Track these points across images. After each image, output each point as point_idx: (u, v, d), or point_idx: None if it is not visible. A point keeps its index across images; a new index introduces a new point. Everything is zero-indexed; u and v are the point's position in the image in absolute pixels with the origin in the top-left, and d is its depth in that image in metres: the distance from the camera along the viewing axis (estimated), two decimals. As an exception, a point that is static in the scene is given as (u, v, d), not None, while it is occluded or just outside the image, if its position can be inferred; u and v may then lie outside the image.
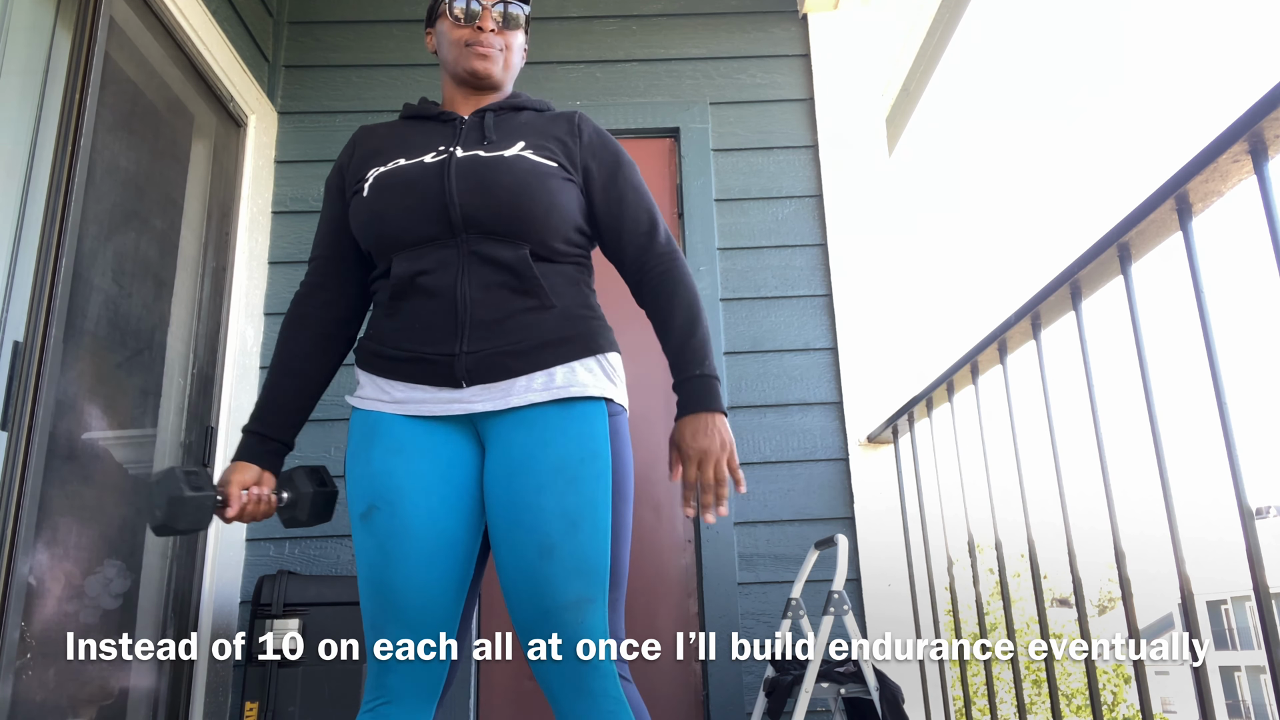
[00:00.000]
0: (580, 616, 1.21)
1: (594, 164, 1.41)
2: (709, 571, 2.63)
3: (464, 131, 1.41)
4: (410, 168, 1.36)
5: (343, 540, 2.63)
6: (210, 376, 2.54)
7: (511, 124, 1.43)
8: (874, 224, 2.93)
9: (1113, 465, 1.57)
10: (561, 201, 1.35)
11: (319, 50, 3.07)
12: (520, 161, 1.35)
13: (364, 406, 1.36)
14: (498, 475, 1.28)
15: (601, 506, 1.25)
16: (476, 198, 1.31)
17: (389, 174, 1.36)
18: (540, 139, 1.40)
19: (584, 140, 1.43)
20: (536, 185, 1.33)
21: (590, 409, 1.30)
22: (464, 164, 1.34)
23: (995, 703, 2.14)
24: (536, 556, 1.22)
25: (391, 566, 1.24)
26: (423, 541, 1.25)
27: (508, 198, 1.32)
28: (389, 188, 1.35)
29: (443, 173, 1.33)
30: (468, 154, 1.36)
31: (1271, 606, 1.18)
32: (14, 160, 1.77)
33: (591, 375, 1.32)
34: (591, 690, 1.20)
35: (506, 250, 1.31)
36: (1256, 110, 1.14)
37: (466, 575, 1.29)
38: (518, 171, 1.34)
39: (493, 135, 1.40)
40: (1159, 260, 1.51)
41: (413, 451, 1.29)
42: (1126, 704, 17.16)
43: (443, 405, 1.30)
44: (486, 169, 1.34)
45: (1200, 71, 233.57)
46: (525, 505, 1.24)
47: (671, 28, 3.15)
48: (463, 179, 1.32)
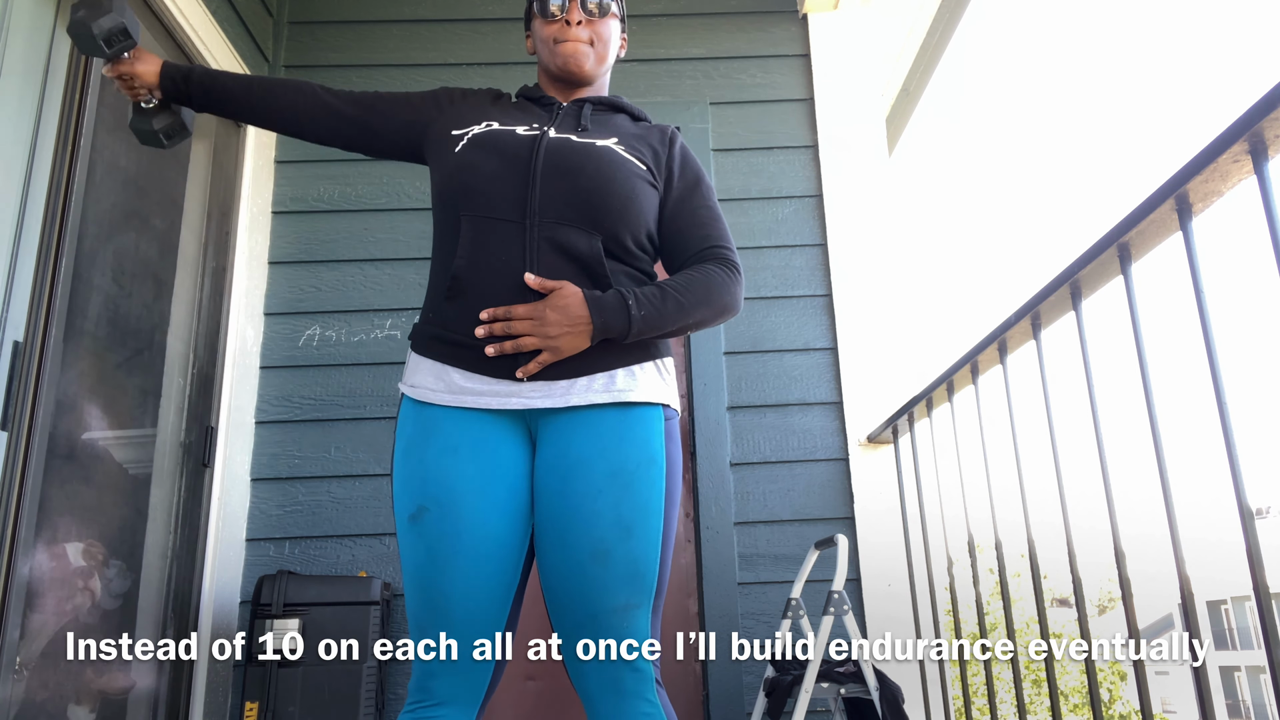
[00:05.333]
0: (626, 621, 1.21)
1: (676, 174, 1.42)
2: (709, 571, 2.63)
3: (560, 116, 1.43)
4: (503, 133, 1.37)
5: (343, 540, 2.63)
6: (210, 376, 2.54)
7: (608, 121, 1.45)
8: (874, 224, 2.93)
9: (1113, 465, 1.57)
10: (640, 199, 1.35)
11: (319, 50, 3.07)
12: (609, 153, 1.36)
13: (420, 397, 1.31)
14: (552, 476, 1.26)
15: (654, 513, 1.25)
16: (558, 177, 1.32)
17: (483, 134, 1.37)
18: (633, 140, 1.41)
19: (673, 151, 1.44)
20: (619, 177, 1.34)
21: (648, 413, 1.29)
22: (554, 144, 1.35)
23: (995, 702, 2.14)
24: (589, 560, 1.21)
25: (440, 570, 1.23)
26: (473, 545, 1.23)
27: (588, 183, 1.32)
28: (479, 146, 1.36)
29: (533, 146, 1.34)
30: (560, 136, 1.37)
31: (1271, 606, 1.18)
32: (14, 160, 1.77)
33: (650, 379, 1.31)
34: (629, 693, 1.20)
35: (580, 239, 1.30)
36: (1256, 110, 1.14)
37: (514, 579, 1.27)
38: (603, 160, 1.34)
39: (588, 124, 1.41)
40: (1159, 260, 1.51)
41: (467, 452, 1.27)
42: (1123, 701, 17.18)
43: (500, 399, 1.28)
44: (574, 152, 1.34)
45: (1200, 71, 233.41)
46: (580, 508, 1.23)
47: (671, 28, 3.15)
48: (549, 157, 1.33)
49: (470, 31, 3.09)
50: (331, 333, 2.80)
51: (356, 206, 2.91)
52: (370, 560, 2.62)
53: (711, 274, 1.34)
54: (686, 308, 1.30)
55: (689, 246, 1.39)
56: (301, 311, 2.81)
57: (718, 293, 1.34)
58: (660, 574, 1.27)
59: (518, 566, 1.28)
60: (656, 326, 1.28)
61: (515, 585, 1.28)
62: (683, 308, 1.30)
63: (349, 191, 2.93)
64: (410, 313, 2.81)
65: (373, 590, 2.38)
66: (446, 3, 3.14)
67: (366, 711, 2.27)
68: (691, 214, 1.40)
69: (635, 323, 1.26)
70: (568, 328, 1.24)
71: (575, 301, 1.25)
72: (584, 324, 1.25)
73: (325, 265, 2.86)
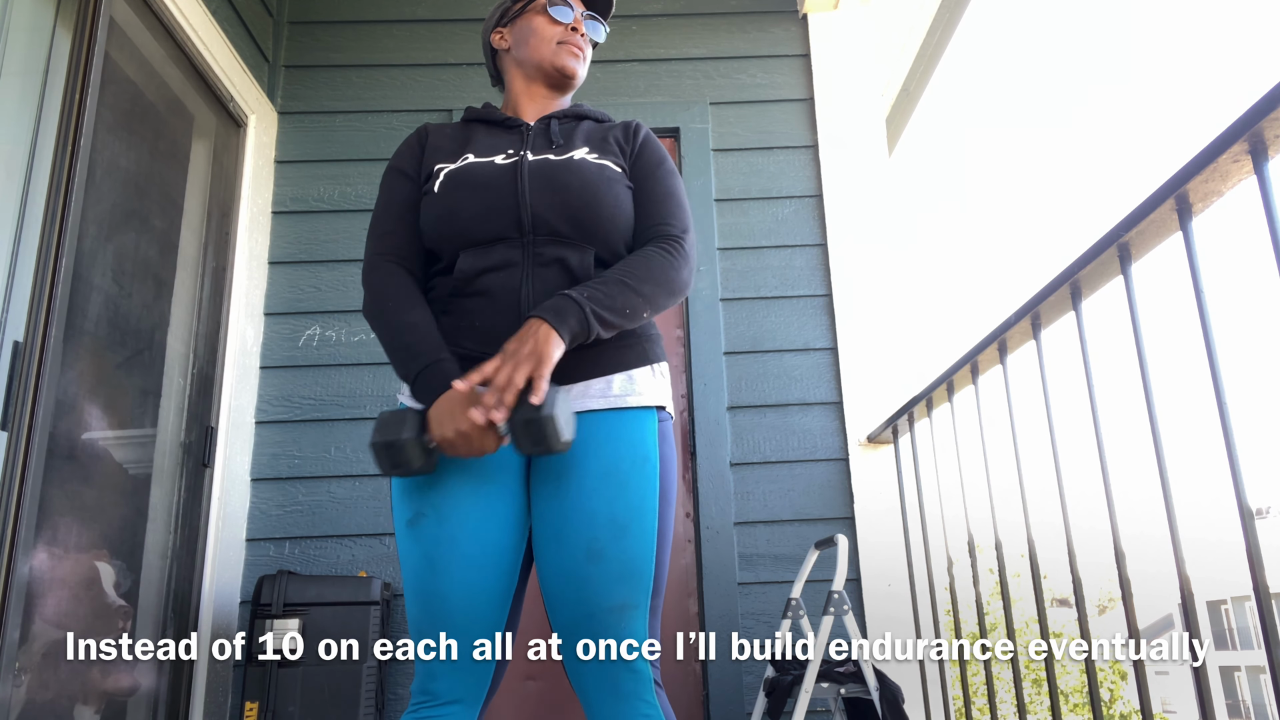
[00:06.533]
0: (623, 621, 1.22)
1: (639, 161, 1.44)
2: (709, 571, 2.63)
3: (531, 137, 1.44)
4: (482, 166, 1.38)
5: (343, 540, 2.64)
6: (210, 376, 2.54)
7: (574, 131, 1.47)
8: (874, 224, 2.93)
9: (1113, 465, 1.57)
10: (624, 205, 1.38)
11: (319, 50, 3.07)
12: (586, 164, 1.38)
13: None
14: (547, 477, 1.27)
15: (649, 512, 1.26)
16: (547, 198, 1.33)
17: (461, 171, 1.37)
18: (602, 144, 1.44)
19: (636, 142, 1.46)
20: (604, 188, 1.36)
21: (641, 415, 1.31)
22: (535, 166, 1.37)
23: (995, 702, 2.14)
24: (584, 559, 1.22)
25: (438, 575, 1.24)
26: (470, 551, 1.24)
27: (576, 199, 1.34)
28: (461, 185, 1.36)
29: (516, 174, 1.36)
30: (538, 157, 1.39)
31: (1271, 606, 1.18)
32: (14, 160, 1.77)
33: (646, 383, 1.33)
34: (627, 694, 1.20)
35: (573, 254, 1.32)
36: (1256, 110, 1.14)
37: (512, 582, 1.28)
38: (585, 174, 1.36)
39: (559, 139, 1.43)
40: (1159, 260, 1.51)
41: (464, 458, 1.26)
42: (1123, 701, 17.17)
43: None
44: (556, 171, 1.36)
45: (1200, 71, 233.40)
46: (575, 508, 1.24)
47: (671, 28, 3.15)
48: (534, 180, 1.35)
49: (470, 31, 3.09)
50: (331, 333, 2.80)
51: (356, 206, 2.91)
52: (370, 560, 2.62)
53: (650, 254, 1.33)
54: (631, 285, 1.28)
55: (643, 229, 1.38)
56: (301, 311, 2.81)
57: (658, 270, 1.31)
58: (657, 574, 1.27)
59: (515, 569, 1.28)
60: (609, 306, 1.25)
61: (514, 588, 1.29)
62: (626, 286, 1.28)
63: (349, 191, 2.93)
64: (410, 313, 2.80)
65: (373, 590, 2.38)
66: (446, 3, 3.14)
67: (366, 711, 2.27)
68: (647, 195, 1.40)
69: (584, 305, 1.23)
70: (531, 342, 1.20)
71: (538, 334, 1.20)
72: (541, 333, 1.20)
73: (325, 265, 2.86)
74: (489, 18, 1.60)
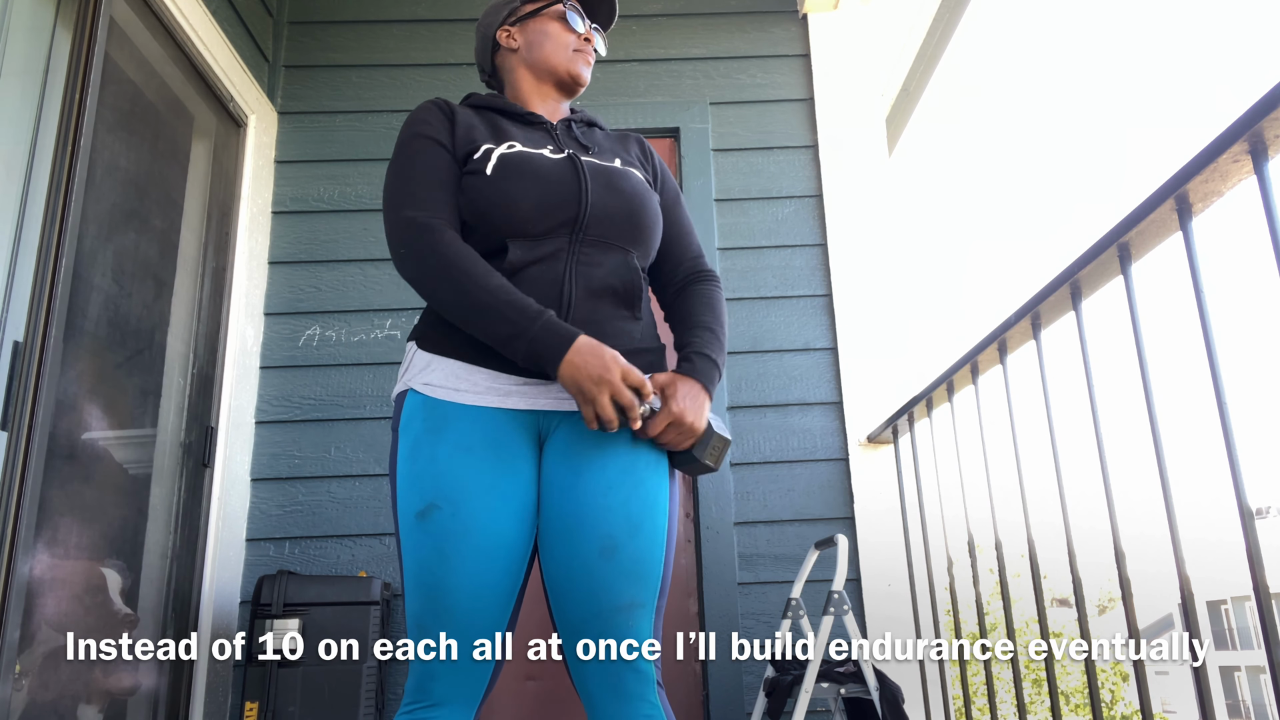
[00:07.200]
0: (631, 620, 1.21)
1: (662, 184, 1.53)
2: (709, 571, 2.63)
3: (559, 136, 1.45)
4: (535, 157, 1.37)
5: (343, 540, 2.64)
6: (210, 376, 2.54)
7: (593, 138, 1.50)
8: (874, 224, 2.93)
9: (1113, 465, 1.57)
10: (660, 218, 1.45)
11: (319, 50, 3.07)
12: (633, 173, 1.43)
13: (435, 395, 1.29)
14: (563, 471, 1.27)
15: (661, 512, 1.27)
16: (606, 199, 1.36)
17: (516, 157, 1.36)
18: (625, 154, 1.49)
19: (654, 161, 1.55)
20: (650, 199, 1.42)
21: None
22: (595, 168, 1.39)
23: (995, 702, 2.14)
24: (597, 556, 1.22)
25: (449, 568, 1.22)
26: (482, 545, 1.23)
27: (631, 205, 1.38)
28: (521, 173, 1.34)
29: (577, 172, 1.37)
30: (589, 159, 1.41)
31: (1271, 606, 1.18)
32: (14, 160, 1.77)
33: None
34: (631, 694, 1.20)
35: (616, 256, 1.36)
36: (1256, 110, 1.14)
37: (518, 579, 1.28)
38: (635, 182, 1.42)
39: (588, 143, 1.47)
40: (1159, 260, 1.51)
41: (482, 450, 1.26)
42: (1125, 702, 17.17)
43: (528, 400, 1.29)
44: (613, 175, 1.40)
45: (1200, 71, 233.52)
46: (591, 503, 1.24)
47: (671, 28, 3.15)
48: (596, 180, 1.37)
49: (470, 32, 3.08)
50: (331, 333, 2.80)
51: (356, 206, 2.91)
52: (370, 560, 2.62)
53: (714, 296, 1.46)
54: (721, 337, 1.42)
55: (679, 259, 1.49)
56: (301, 311, 2.81)
57: (723, 312, 1.46)
58: (664, 575, 1.27)
59: (523, 565, 1.28)
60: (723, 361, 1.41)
61: (519, 585, 1.28)
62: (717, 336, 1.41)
63: (349, 191, 2.93)
64: (410, 313, 2.81)
65: (373, 590, 2.38)
66: (446, 3, 3.14)
67: (366, 711, 2.27)
68: (677, 224, 1.50)
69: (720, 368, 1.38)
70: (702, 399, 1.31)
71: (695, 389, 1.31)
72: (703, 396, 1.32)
73: (325, 265, 2.86)
74: (492, 14, 1.58)
